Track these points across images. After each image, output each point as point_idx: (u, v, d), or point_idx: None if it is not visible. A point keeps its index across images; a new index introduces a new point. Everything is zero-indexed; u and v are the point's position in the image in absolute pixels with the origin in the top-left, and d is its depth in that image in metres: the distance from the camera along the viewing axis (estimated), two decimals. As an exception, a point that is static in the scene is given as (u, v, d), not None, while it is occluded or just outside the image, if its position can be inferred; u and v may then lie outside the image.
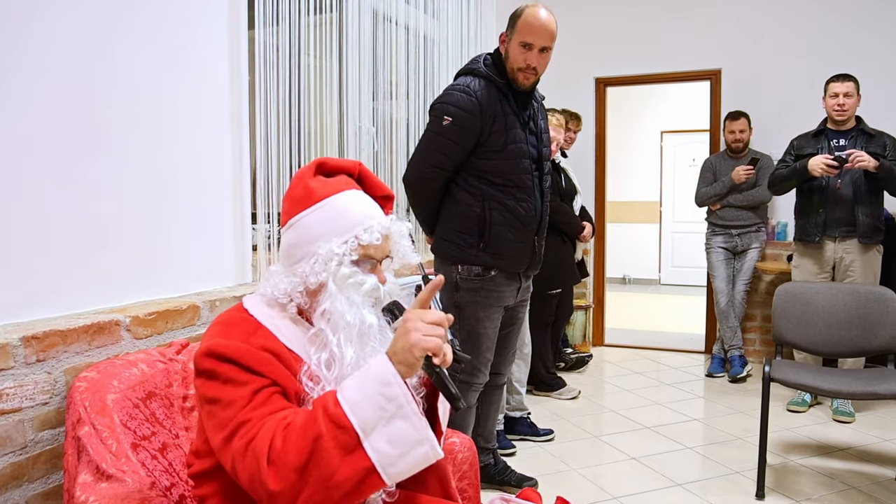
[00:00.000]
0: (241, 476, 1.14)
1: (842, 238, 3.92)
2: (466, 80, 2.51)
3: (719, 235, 4.88)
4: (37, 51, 1.64)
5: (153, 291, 1.99)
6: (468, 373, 2.61)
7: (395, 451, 1.12)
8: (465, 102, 2.44)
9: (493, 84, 2.49)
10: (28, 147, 1.63)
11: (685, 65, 5.32)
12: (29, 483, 1.53)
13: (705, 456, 3.36)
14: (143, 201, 1.95)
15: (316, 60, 2.82)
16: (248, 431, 1.14)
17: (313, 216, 1.32)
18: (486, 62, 2.55)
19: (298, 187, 1.35)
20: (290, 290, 1.31)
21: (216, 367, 1.20)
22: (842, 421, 3.83)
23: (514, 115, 2.52)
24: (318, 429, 1.11)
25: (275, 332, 1.29)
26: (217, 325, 1.31)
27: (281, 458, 1.10)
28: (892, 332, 3.03)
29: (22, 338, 1.51)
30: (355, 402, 1.13)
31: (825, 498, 2.88)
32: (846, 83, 3.87)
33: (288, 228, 1.35)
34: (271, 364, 1.22)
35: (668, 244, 9.32)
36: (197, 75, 2.14)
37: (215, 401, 1.19)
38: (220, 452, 1.17)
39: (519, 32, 2.45)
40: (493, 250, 2.52)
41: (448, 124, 2.45)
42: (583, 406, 4.19)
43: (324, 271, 1.29)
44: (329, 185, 1.36)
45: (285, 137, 2.62)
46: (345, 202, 1.35)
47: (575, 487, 2.99)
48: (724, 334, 4.82)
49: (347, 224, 1.32)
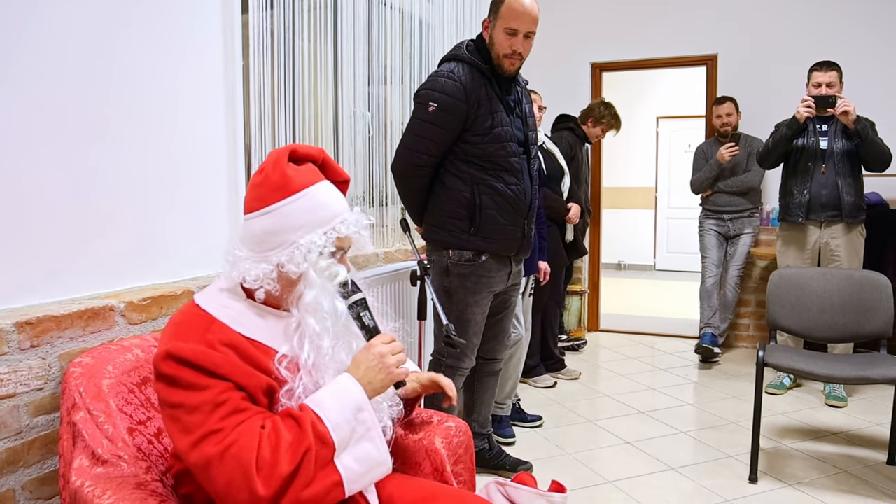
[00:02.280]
0: (215, 479, 1.16)
1: (827, 223, 3.94)
2: (450, 66, 2.51)
3: (712, 219, 4.92)
4: (33, 38, 1.62)
5: (147, 277, 1.99)
6: (455, 357, 2.64)
7: (360, 469, 1.25)
8: (450, 87, 2.45)
9: (477, 69, 2.49)
10: (23, 135, 1.62)
11: (681, 50, 5.31)
12: (25, 468, 1.54)
13: (699, 440, 3.38)
14: (138, 188, 1.94)
15: (310, 45, 2.80)
16: (224, 439, 1.16)
17: (294, 206, 1.32)
18: (468, 48, 2.55)
19: (275, 174, 1.34)
20: (263, 277, 1.31)
21: (176, 373, 1.20)
22: (834, 405, 3.87)
23: (498, 100, 2.52)
24: (307, 442, 1.20)
25: (231, 323, 1.30)
26: (171, 325, 1.30)
27: (271, 466, 1.16)
28: (885, 318, 3.05)
29: (16, 323, 1.51)
30: (336, 422, 1.24)
31: (817, 481, 2.90)
32: (829, 72, 3.87)
33: (263, 215, 1.33)
34: (230, 364, 1.23)
35: (664, 230, 9.34)
36: (190, 61, 2.13)
37: (178, 405, 1.20)
38: (185, 455, 1.18)
39: (503, 18, 2.45)
40: (484, 234, 2.53)
41: (434, 110, 2.45)
42: (577, 390, 4.21)
43: (304, 262, 1.30)
44: (304, 174, 1.36)
45: (280, 122, 2.60)
46: (324, 194, 1.36)
47: (569, 471, 3.01)
48: (702, 312, 4.92)
49: (327, 216, 1.34)
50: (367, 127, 3.26)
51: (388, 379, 1.33)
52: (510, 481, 1.68)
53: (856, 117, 3.68)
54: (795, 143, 3.98)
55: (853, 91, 4.01)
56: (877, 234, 4.26)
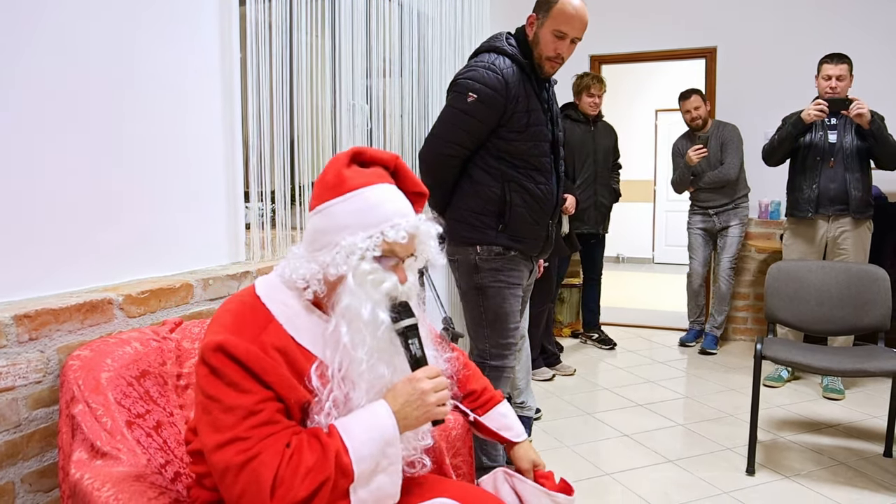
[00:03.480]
0: (230, 488, 1.15)
1: (835, 217, 3.93)
2: (491, 58, 2.43)
3: (698, 215, 4.95)
4: (27, 33, 1.62)
5: (146, 270, 1.99)
6: (500, 357, 2.57)
7: (370, 500, 1.22)
8: (491, 80, 2.37)
9: (518, 64, 2.42)
10: (17, 126, 1.61)
11: (680, 42, 5.30)
12: (24, 461, 1.54)
13: (697, 433, 3.39)
14: (136, 181, 1.94)
15: (308, 37, 2.79)
16: (248, 450, 1.15)
17: (342, 206, 1.29)
18: (508, 41, 2.48)
19: (331, 173, 1.31)
20: (309, 277, 1.28)
21: (223, 367, 1.17)
22: (832, 398, 3.88)
23: (535, 97, 2.46)
24: (328, 472, 1.17)
25: (287, 325, 1.27)
26: (228, 313, 1.27)
27: (288, 489, 1.14)
28: (882, 311, 3.06)
29: (14, 316, 1.50)
30: (362, 456, 1.20)
31: (814, 473, 2.91)
32: (840, 65, 3.84)
33: (315, 214, 1.31)
34: (278, 372, 1.21)
35: (662, 223, 9.34)
36: (188, 53, 2.12)
37: (215, 399, 1.17)
38: (210, 453, 1.17)
39: (553, 19, 2.36)
40: (512, 232, 2.48)
41: (473, 101, 2.37)
42: (576, 383, 4.22)
43: (344, 264, 1.26)
44: (363, 175, 1.32)
45: (278, 115, 2.59)
46: (376, 196, 1.30)
47: (568, 464, 3.02)
48: (689, 310, 5.15)
49: (375, 219, 1.28)
50: (365, 120, 3.25)
51: (424, 417, 1.28)
52: (518, 473, 1.66)
53: (870, 118, 3.67)
54: (803, 139, 3.97)
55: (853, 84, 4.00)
56: (876, 227, 4.27)
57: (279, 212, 2.62)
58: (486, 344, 2.58)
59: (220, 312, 1.29)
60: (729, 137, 4.73)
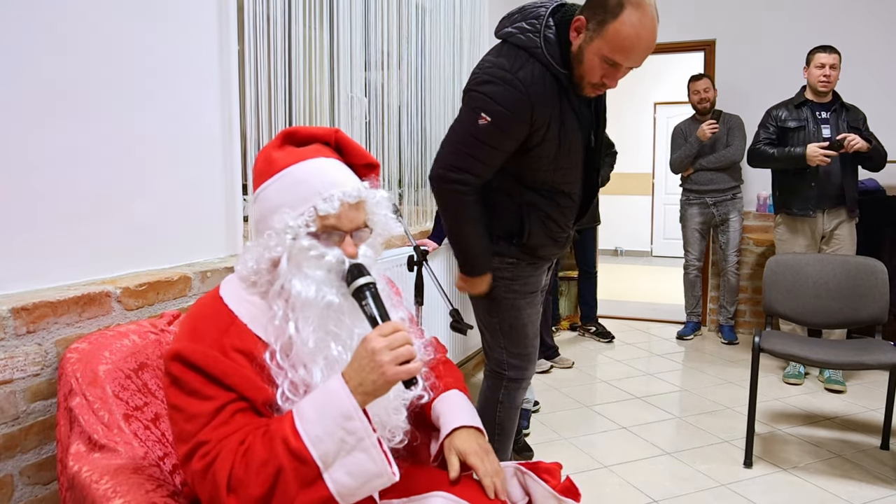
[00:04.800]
0: (200, 495, 1.14)
1: (830, 209, 3.95)
2: (516, 63, 1.88)
3: (695, 206, 4.94)
4: (26, 20, 1.61)
5: (144, 263, 1.98)
6: (518, 368, 2.29)
7: (353, 483, 1.12)
8: (512, 100, 1.86)
9: (553, 76, 1.89)
10: (13, 119, 1.60)
11: (679, 35, 5.28)
12: (22, 454, 1.54)
13: (695, 425, 3.40)
14: (134, 173, 1.93)
15: (307, 29, 2.78)
16: (207, 454, 1.12)
17: (272, 188, 1.26)
18: (546, 42, 1.88)
19: (260, 159, 1.29)
20: (256, 267, 1.26)
21: (182, 375, 1.15)
22: (833, 390, 3.88)
23: (573, 114, 1.96)
24: (279, 462, 1.10)
25: (250, 323, 1.23)
26: (190, 318, 1.24)
27: (242, 487, 1.10)
28: (880, 304, 3.06)
29: (12, 309, 1.50)
30: (316, 436, 1.11)
31: (812, 466, 2.92)
32: (832, 55, 3.87)
33: (254, 203, 1.28)
34: (240, 374, 1.17)
35: (661, 216, 9.34)
36: (186, 44, 2.11)
37: (178, 409, 1.16)
38: (181, 465, 1.16)
39: (606, 41, 1.80)
40: (528, 251, 2.18)
41: (486, 125, 1.88)
42: (574, 376, 4.22)
43: (278, 245, 1.22)
44: (293, 154, 1.28)
45: (276, 107, 2.58)
46: (305, 171, 1.25)
47: (566, 456, 3.03)
48: (687, 301, 5.21)
49: (305, 193, 1.23)
50: (363, 112, 3.25)
51: (382, 380, 1.12)
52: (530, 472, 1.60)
53: (868, 144, 3.70)
54: (796, 136, 3.96)
55: (849, 77, 4.00)
56: (873, 220, 4.27)
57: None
58: (503, 354, 2.30)
59: (184, 319, 1.26)
60: (736, 124, 4.79)
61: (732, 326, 5.04)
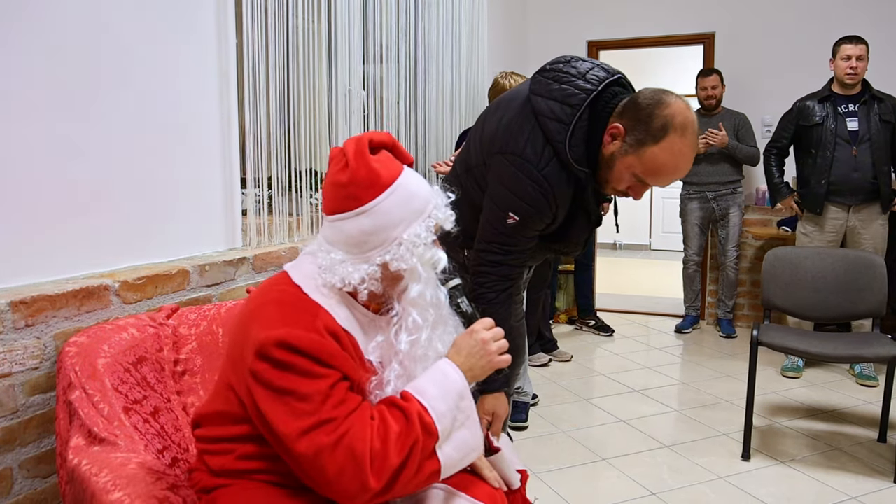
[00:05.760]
0: (326, 468, 1.14)
1: (857, 206, 3.86)
2: (542, 160, 1.80)
3: (695, 200, 4.92)
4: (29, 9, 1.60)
5: (142, 256, 1.98)
6: None
7: (457, 456, 1.25)
8: (537, 198, 1.82)
9: (572, 174, 1.82)
10: (12, 110, 1.60)
11: (679, 28, 5.27)
12: (21, 447, 1.54)
13: (693, 418, 3.41)
14: (133, 166, 1.93)
15: (305, 22, 2.77)
16: (337, 429, 1.16)
17: (390, 201, 1.26)
18: (572, 138, 1.77)
19: (362, 169, 1.25)
20: (367, 279, 1.27)
21: (290, 359, 1.17)
22: (866, 385, 3.83)
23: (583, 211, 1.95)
24: (415, 434, 1.19)
25: (332, 313, 1.27)
26: (274, 304, 1.25)
27: (383, 459, 1.16)
28: (878, 298, 3.06)
29: (10, 303, 1.50)
30: (441, 412, 1.23)
31: (809, 458, 2.93)
32: (859, 45, 3.76)
33: (359, 215, 1.25)
34: (342, 355, 1.22)
35: (659, 210, 9.34)
36: (184, 37, 2.10)
37: (288, 391, 1.17)
38: (294, 441, 1.15)
39: (642, 163, 1.69)
40: None
41: (514, 224, 1.85)
42: (572, 369, 4.23)
43: (412, 256, 1.27)
44: (386, 164, 1.29)
45: (274, 101, 2.58)
46: (410, 182, 1.30)
47: (564, 449, 3.04)
48: (686, 295, 5.22)
49: (421, 204, 1.29)
50: (362, 105, 3.24)
51: (488, 366, 1.32)
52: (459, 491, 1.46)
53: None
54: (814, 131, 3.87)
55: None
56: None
57: (276, 198, 2.62)
58: None
59: (262, 304, 1.26)
60: (743, 123, 4.74)
61: (731, 320, 5.04)
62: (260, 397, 1.19)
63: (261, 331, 1.19)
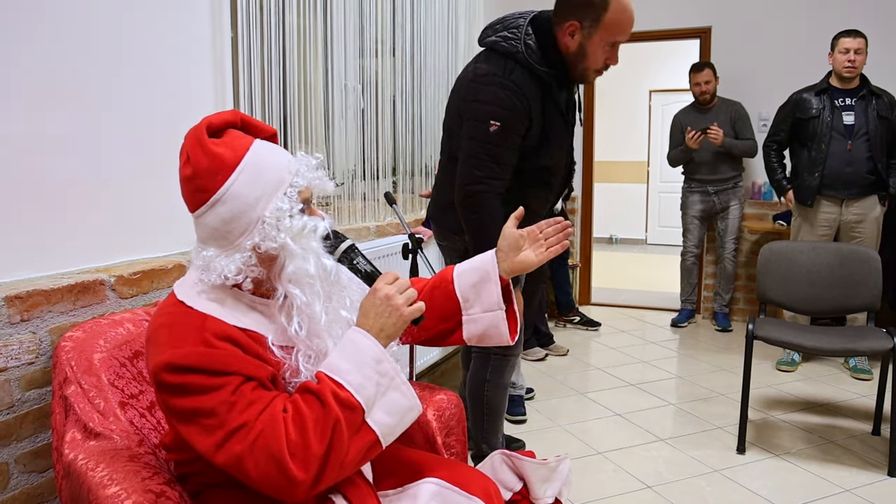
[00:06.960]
0: (250, 473, 1.12)
1: (850, 200, 3.85)
2: (506, 69, 2.12)
3: (696, 193, 4.92)
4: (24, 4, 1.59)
5: (138, 251, 1.98)
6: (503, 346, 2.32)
7: (392, 420, 1.21)
8: (511, 101, 2.10)
9: (535, 75, 2.12)
10: (4, 105, 1.59)
11: (675, 22, 5.27)
12: (17, 442, 1.54)
13: (688, 412, 3.42)
14: (127, 160, 1.93)
15: (300, 16, 2.76)
16: (248, 434, 1.12)
17: (239, 182, 1.20)
18: (527, 46, 2.13)
19: (204, 158, 1.22)
20: (244, 268, 1.23)
21: (183, 380, 1.13)
22: (861, 378, 3.85)
23: (557, 113, 2.21)
24: (334, 414, 1.15)
25: (224, 317, 1.22)
26: (161, 329, 1.21)
27: (303, 449, 1.13)
28: (873, 292, 3.07)
29: (5, 298, 1.50)
30: (358, 383, 1.18)
31: (804, 451, 2.95)
32: (858, 39, 3.75)
33: (213, 205, 1.21)
34: (236, 357, 1.17)
35: (655, 204, 9.35)
36: (179, 32, 2.09)
37: (194, 411, 1.14)
38: (214, 456, 1.14)
39: (607, 30, 2.07)
40: None
41: (496, 130, 2.09)
42: (568, 363, 4.24)
43: (280, 232, 1.21)
44: (230, 144, 1.24)
45: (270, 96, 2.57)
46: (262, 157, 1.24)
47: (560, 443, 3.05)
48: (682, 288, 5.22)
49: (275, 176, 1.23)
50: (358, 100, 3.23)
51: (400, 321, 1.24)
52: (516, 453, 1.66)
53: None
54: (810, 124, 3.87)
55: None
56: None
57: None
58: None
59: (152, 333, 1.23)
60: (741, 115, 4.72)
61: (727, 314, 5.05)
62: (174, 423, 1.19)
63: (151, 360, 1.18)
